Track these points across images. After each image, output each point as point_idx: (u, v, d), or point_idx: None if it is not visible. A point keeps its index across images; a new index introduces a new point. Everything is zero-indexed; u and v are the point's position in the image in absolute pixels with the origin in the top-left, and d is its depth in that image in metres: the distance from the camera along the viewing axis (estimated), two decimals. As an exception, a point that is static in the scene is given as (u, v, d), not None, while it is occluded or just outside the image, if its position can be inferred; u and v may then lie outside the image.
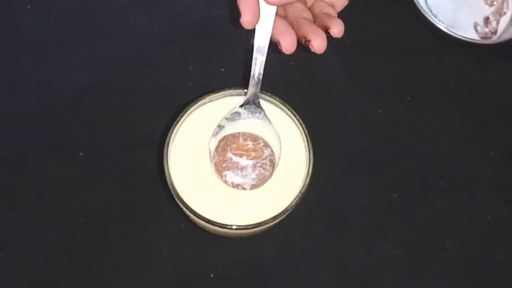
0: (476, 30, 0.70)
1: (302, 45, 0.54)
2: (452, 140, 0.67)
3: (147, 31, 0.69)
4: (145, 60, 0.68)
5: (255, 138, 0.56)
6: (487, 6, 0.72)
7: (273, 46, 0.53)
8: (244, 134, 0.57)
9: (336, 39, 0.54)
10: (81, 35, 0.69)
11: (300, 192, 0.54)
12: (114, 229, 0.62)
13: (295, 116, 0.57)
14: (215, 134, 0.56)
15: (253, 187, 0.55)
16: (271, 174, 0.55)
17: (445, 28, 0.69)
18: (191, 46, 0.69)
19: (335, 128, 0.67)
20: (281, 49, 0.53)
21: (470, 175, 0.66)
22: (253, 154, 0.56)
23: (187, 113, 0.57)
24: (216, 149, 0.56)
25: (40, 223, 0.62)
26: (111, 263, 0.61)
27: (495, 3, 0.72)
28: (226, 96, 0.58)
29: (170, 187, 0.54)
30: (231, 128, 0.57)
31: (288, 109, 0.57)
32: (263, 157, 0.56)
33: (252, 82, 0.55)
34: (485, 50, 0.70)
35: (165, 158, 0.54)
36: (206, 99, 0.57)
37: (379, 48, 0.70)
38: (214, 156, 0.56)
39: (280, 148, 0.56)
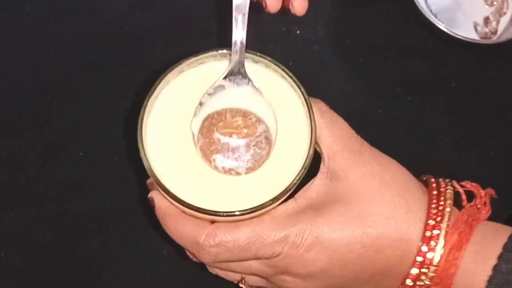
0: (476, 30, 0.70)
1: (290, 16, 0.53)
2: (452, 140, 0.67)
3: (147, 31, 0.69)
4: (145, 60, 0.68)
5: (245, 114, 0.49)
6: (487, 6, 0.72)
7: (255, 6, 0.50)
8: (231, 110, 0.49)
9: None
10: (81, 36, 0.69)
11: (303, 167, 0.46)
12: (114, 229, 0.62)
13: (290, 77, 0.49)
14: (197, 113, 0.48)
15: (249, 170, 0.48)
16: (268, 153, 0.48)
17: (445, 28, 0.69)
18: (191, 46, 0.69)
19: (335, 128, 0.67)
20: (265, 7, 0.50)
21: (470, 175, 0.66)
22: (245, 131, 0.48)
23: (164, 82, 0.49)
24: (200, 130, 0.48)
25: (40, 223, 0.62)
26: (111, 263, 0.61)
27: (495, 3, 0.72)
28: (207, 60, 0.50)
29: (149, 172, 0.46)
30: (215, 105, 0.49)
31: (281, 68, 0.49)
32: (257, 134, 0.48)
33: (234, 48, 0.48)
34: (485, 50, 0.70)
35: (139, 138, 0.47)
36: (184, 65, 0.49)
37: (379, 48, 0.70)
38: (198, 139, 0.48)
39: (276, 122, 0.48)
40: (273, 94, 0.49)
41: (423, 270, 0.46)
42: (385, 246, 0.46)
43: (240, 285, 0.52)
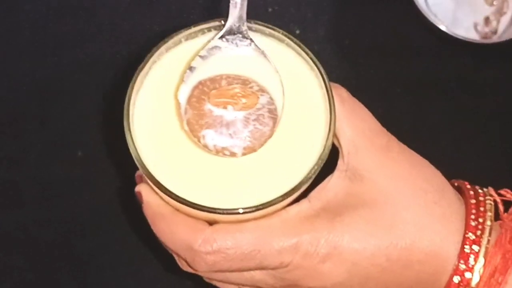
0: (476, 30, 0.70)
1: None
2: (452, 140, 0.67)
3: (146, 31, 0.69)
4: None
5: (245, 82, 0.40)
6: (487, 6, 0.72)
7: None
8: (228, 76, 0.40)
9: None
10: (80, 35, 0.69)
11: (319, 158, 0.39)
12: (114, 229, 0.62)
13: (307, 53, 0.41)
14: (186, 80, 0.40)
15: (247, 150, 0.39)
16: (272, 131, 0.39)
17: (445, 28, 0.69)
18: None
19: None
20: None
21: (470, 175, 0.66)
22: (243, 101, 0.39)
23: (156, 56, 0.42)
24: (189, 100, 0.39)
25: (40, 223, 0.62)
26: (110, 263, 0.61)
27: (495, 2, 0.72)
28: (207, 32, 0.42)
29: (135, 160, 0.39)
30: (208, 70, 0.40)
31: (297, 44, 0.41)
32: (259, 106, 0.39)
33: (233, 0, 0.40)
34: (485, 50, 0.70)
35: (125, 120, 0.40)
36: (176, 38, 0.42)
37: (379, 48, 0.70)
38: (186, 111, 0.39)
39: (283, 94, 0.40)
40: (286, 72, 0.41)
41: None
42: (415, 261, 0.40)
43: None
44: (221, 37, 0.41)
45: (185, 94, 0.40)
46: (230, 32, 0.41)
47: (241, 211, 0.38)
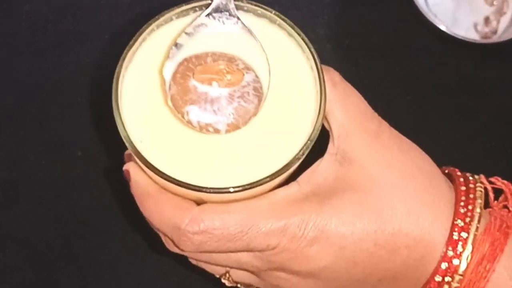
0: (476, 30, 0.70)
1: None
2: (452, 140, 0.67)
3: (147, 31, 0.69)
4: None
5: (230, 59, 0.40)
6: (487, 6, 0.72)
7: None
8: (214, 54, 0.40)
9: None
10: (80, 35, 0.69)
11: (308, 139, 0.38)
12: (114, 228, 0.62)
13: (298, 34, 0.41)
14: (172, 56, 0.40)
15: (231, 127, 0.39)
16: (257, 108, 0.39)
17: (445, 28, 0.69)
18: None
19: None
20: None
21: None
22: (228, 77, 0.39)
23: (146, 33, 0.42)
24: (174, 76, 0.40)
25: (40, 223, 0.62)
26: (110, 263, 0.61)
27: (495, 2, 0.72)
28: (195, 10, 0.42)
29: (122, 136, 0.40)
30: (194, 47, 0.40)
31: (287, 22, 0.41)
32: (244, 83, 0.39)
33: None
34: (485, 50, 0.70)
35: (114, 98, 0.40)
36: (166, 16, 0.42)
37: (379, 48, 0.70)
38: (170, 87, 0.39)
39: (269, 73, 0.40)
40: (277, 52, 0.41)
41: (446, 279, 0.40)
42: (402, 246, 0.40)
43: (223, 280, 0.45)
44: (208, 14, 0.41)
45: (170, 71, 0.40)
46: (217, 9, 0.40)
47: (228, 190, 0.37)
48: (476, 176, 0.43)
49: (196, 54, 0.40)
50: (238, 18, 0.41)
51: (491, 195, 0.42)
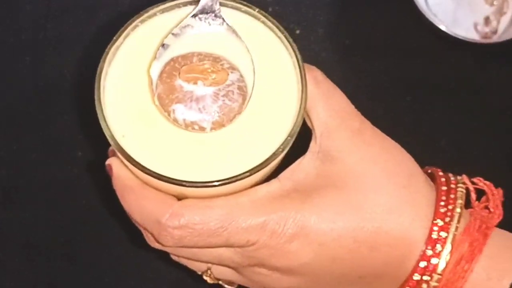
0: (476, 29, 0.70)
1: None
2: (452, 140, 0.67)
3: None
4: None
5: (216, 59, 0.41)
6: (487, 6, 0.72)
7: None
8: (199, 54, 0.41)
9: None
10: (80, 35, 0.69)
11: (289, 135, 0.39)
12: (114, 229, 0.62)
13: (281, 32, 0.41)
14: (158, 57, 0.41)
15: (216, 125, 0.40)
16: (241, 107, 0.40)
17: (445, 28, 0.69)
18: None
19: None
20: None
21: (470, 175, 0.66)
22: (213, 77, 0.40)
23: (128, 30, 0.43)
24: (160, 76, 0.40)
25: (39, 223, 0.62)
26: (110, 263, 0.61)
27: (495, 2, 0.72)
28: (179, 6, 0.43)
29: (105, 132, 0.40)
30: (180, 48, 0.41)
31: (270, 20, 0.42)
32: (229, 82, 0.40)
33: None
34: (485, 50, 0.70)
35: (96, 93, 0.41)
36: (150, 12, 0.43)
37: (379, 48, 0.70)
38: (157, 86, 0.40)
39: (254, 72, 0.41)
40: (260, 50, 0.42)
41: (425, 277, 0.40)
42: (382, 244, 0.40)
43: (205, 277, 0.45)
44: (194, 15, 0.41)
45: (157, 70, 0.41)
46: (203, 11, 0.41)
47: (208, 184, 0.38)
48: (459, 177, 0.43)
49: (183, 55, 0.41)
50: (224, 20, 0.41)
51: (473, 195, 0.42)
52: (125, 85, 0.41)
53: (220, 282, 0.46)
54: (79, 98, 0.66)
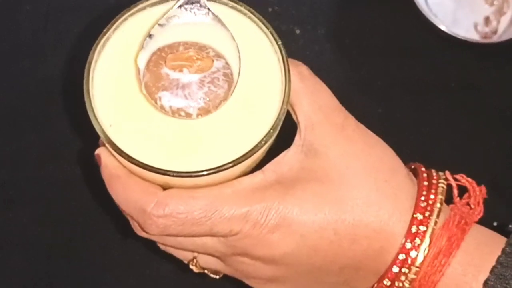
0: (476, 29, 0.70)
1: None
2: (452, 140, 0.67)
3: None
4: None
5: (201, 48, 0.42)
6: (487, 6, 0.72)
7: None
8: (185, 43, 0.42)
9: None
10: (80, 35, 0.69)
11: (271, 127, 0.40)
12: (114, 229, 0.62)
13: (267, 27, 0.43)
14: (145, 46, 0.42)
15: (202, 111, 0.40)
16: (227, 93, 0.41)
17: (445, 28, 0.69)
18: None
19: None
20: None
21: (470, 175, 0.66)
22: (198, 64, 0.41)
23: (118, 23, 0.44)
24: (147, 65, 0.41)
25: (39, 222, 0.62)
26: (110, 263, 0.61)
27: (495, 2, 0.72)
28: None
29: (93, 123, 0.41)
30: (167, 38, 0.42)
31: (256, 16, 0.43)
32: (214, 69, 0.41)
33: None
34: (485, 50, 0.70)
35: (85, 84, 0.42)
36: (140, 6, 0.44)
37: (379, 48, 0.70)
38: (144, 75, 0.41)
39: (239, 60, 0.41)
40: (247, 44, 0.42)
41: (403, 270, 0.41)
42: (362, 236, 0.41)
43: (191, 266, 0.46)
44: (180, 6, 0.42)
45: (144, 60, 0.41)
46: (188, 1, 0.42)
47: (191, 174, 0.39)
48: (441, 173, 0.44)
49: (169, 44, 0.42)
50: (209, 9, 0.42)
51: (455, 191, 0.43)
52: (114, 76, 0.42)
53: (206, 271, 0.47)
54: (79, 98, 0.66)
